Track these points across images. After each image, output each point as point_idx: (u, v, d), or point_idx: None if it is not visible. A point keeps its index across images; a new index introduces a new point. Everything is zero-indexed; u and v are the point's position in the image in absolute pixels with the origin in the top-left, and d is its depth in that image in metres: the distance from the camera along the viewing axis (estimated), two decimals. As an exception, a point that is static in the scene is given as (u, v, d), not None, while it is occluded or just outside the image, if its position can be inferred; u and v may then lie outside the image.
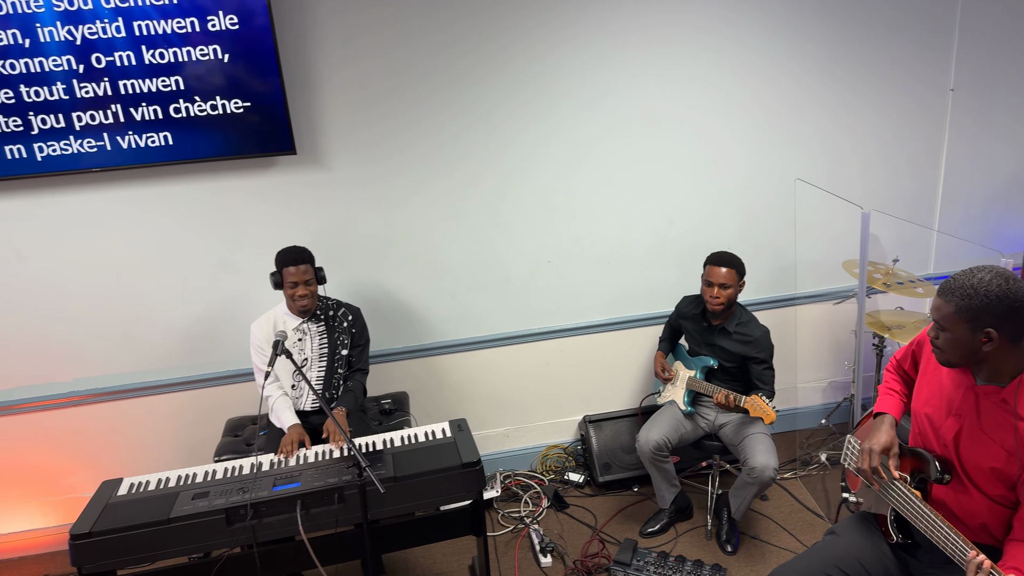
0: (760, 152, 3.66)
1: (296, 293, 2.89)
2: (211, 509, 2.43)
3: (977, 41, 3.68)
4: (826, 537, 2.22)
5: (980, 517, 1.91)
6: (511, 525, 3.49)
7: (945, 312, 1.81)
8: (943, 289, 1.83)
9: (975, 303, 1.75)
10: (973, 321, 1.77)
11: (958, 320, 1.79)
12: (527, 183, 3.49)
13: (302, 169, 3.26)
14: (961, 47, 3.67)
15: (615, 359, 3.88)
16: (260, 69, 3.02)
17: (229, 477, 2.62)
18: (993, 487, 1.87)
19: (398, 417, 3.35)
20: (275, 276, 2.92)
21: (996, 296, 1.73)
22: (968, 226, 3.98)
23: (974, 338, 1.78)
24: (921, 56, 3.66)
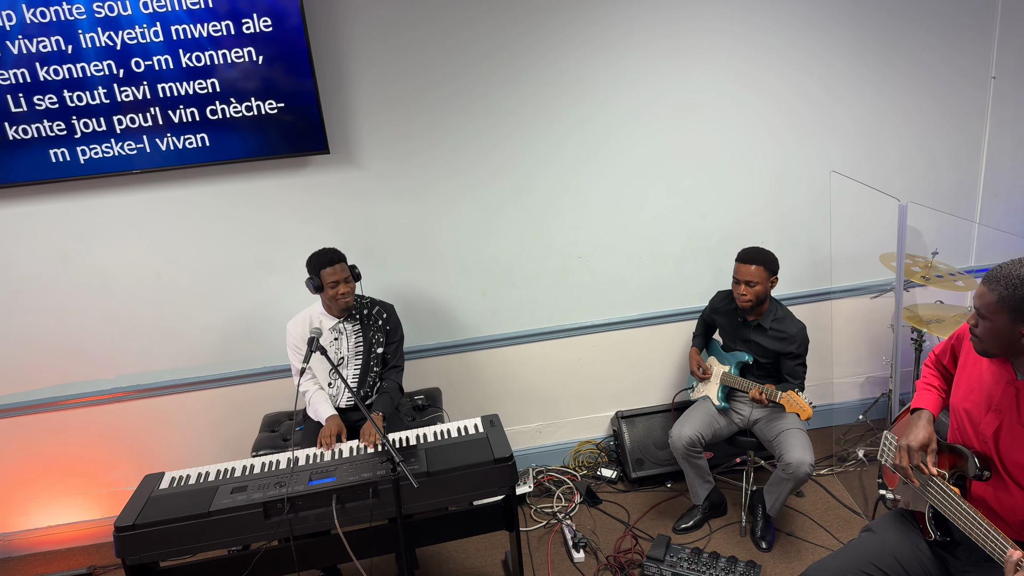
0: (794, 145, 3.61)
1: (338, 292, 2.93)
2: (249, 503, 2.49)
3: (1021, 26, 3.58)
4: (862, 534, 2.20)
5: (1021, 514, 1.87)
6: (544, 520, 3.51)
7: (987, 300, 1.78)
8: (988, 277, 1.79)
9: (1019, 294, 1.72)
10: (1015, 312, 1.73)
11: (1000, 309, 1.75)
12: (557, 179, 3.49)
13: (335, 168, 3.31)
14: (1003, 33, 3.58)
15: (648, 354, 3.86)
16: (293, 70, 3.07)
17: (266, 472, 2.68)
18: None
19: (431, 413, 3.38)
20: (313, 280, 2.96)
21: None
22: (1010, 217, 3.88)
23: (1014, 329, 1.75)
24: (960, 44, 3.57)
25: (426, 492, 2.58)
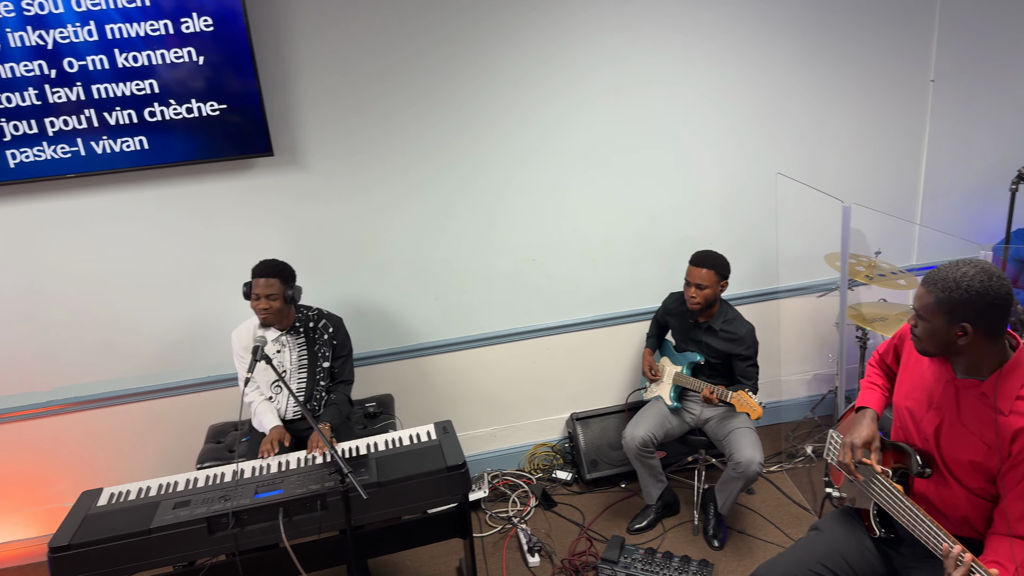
0: (741, 147, 3.66)
1: (257, 305, 2.85)
2: (193, 518, 2.41)
3: (958, 30, 3.68)
4: (810, 533, 2.23)
5: (961, 510, 1.92)
6: (499, 525, 3.48)
7: (926, 302, 1.81)
8: (927, 279, 1.83)
9: (955, 296, 1.75)
10: (951, 314, 1.77)
11: (937, 311, 1.79)
12: (509, 180, 3.47)
13: (280, 170, 3.23)
14: (941, 37, 3.68)
15: (602, 356, 3.87)
16: (236, 70, 2.99)
17: (211, 485, 2.60)
18: (973, 480, 1.87)
19: (383, 420, 3.33)
20: (246, 286, 2.89)
21: (976, 292, 1.73)
22: (949, 217, 4.00)
23: (950, 330, 1.78)
24: (901, 48, 3.66)
25: (377, 502, 2.53)
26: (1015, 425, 1.76)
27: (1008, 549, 1.75)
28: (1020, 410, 1.77)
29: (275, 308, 2.86)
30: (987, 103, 3.84)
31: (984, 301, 1.73)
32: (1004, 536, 1.79)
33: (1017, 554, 1.74)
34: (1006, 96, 3.85)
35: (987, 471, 1.84)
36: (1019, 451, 1.76)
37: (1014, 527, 1.78)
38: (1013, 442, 1.76)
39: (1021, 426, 1.75)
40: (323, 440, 2.46)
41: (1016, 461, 1.77)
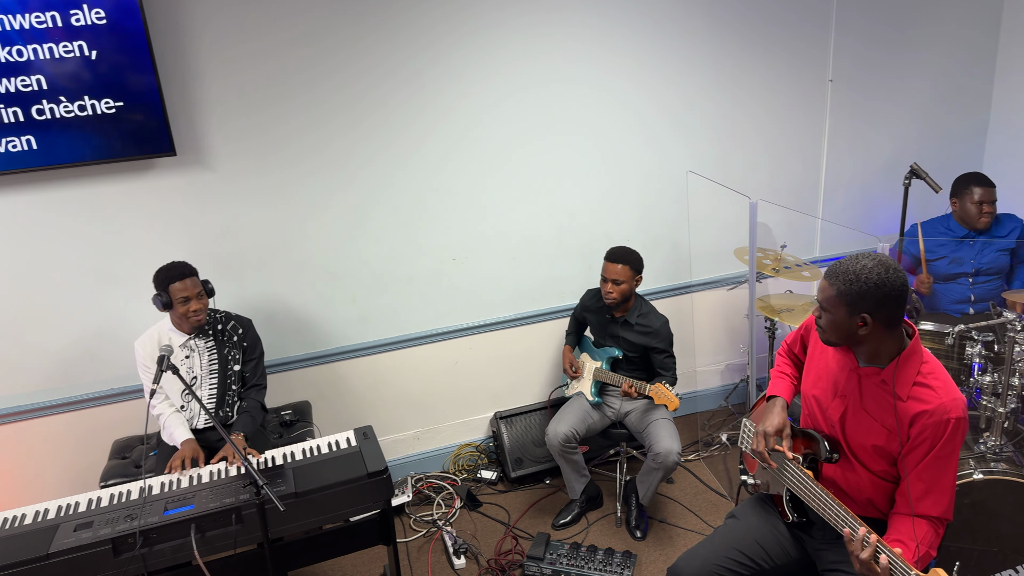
0: (653, 145, 3.74)
1: (189, 309, 2.73)
2: (95, 540, 2.27)
3: (853, 33, 3.87)
4: (727, 521, 2.29)
5: (866, 492, 2.01)
6: (424, 529, 3.45)
7: (828, 295, 1.89)
8: (829, 272, 1.91)
9: (855, 288, 1.83)
10: (851, 305, 1.85)
11: (839, 303, 1.87)
12: (428, 181, 3.43)
13: (183, 171, 3.08)
14: (838, 38, 3.86)
15: (524, 354, 3.88)
16: (132, 65, 2.83)
17: (116, 504, 2.45)
18: (876, 464, 1.97)
19: (300, 428, 3.23)
20: (160, 297, 2.73)
21: (875, 284, 1.81)
22: (848, 211, 4.20)
23: (851, 321, 1.87)
24: (801, 49, 3.82)
25: (295, 513, 2.45)
26: (913, 410, 1.86)
27: (910, 528, 1.85)
28: (917, 395, 1.87)
29: (205, 304, 2.78)
30: (881, 102, 4.06)
31: (882, 292, 1.82)
32: (906, 516, 1.89)
33: (918, 532, 1.84)
34: (899, 95, 4.07)
35: (889, 454, 1.94)
36: (917, 434, 1.85)
37: (915, 507, 1.88)
38: (911, 426, 1.86)
39: (918, 411, 1.85)
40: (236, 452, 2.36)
41: (915, 444, 1.86)
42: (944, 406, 1.82)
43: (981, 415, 2.84)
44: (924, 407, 1.84)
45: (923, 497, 1.87)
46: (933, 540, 1.86)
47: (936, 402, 1.83)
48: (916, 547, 1.81)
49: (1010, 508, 2.59)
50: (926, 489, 1.87)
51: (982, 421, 2.84)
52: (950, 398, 1.83)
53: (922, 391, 1.86)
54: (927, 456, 1.85)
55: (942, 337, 3.00)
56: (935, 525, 1.88)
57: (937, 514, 1.87)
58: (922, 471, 1.86)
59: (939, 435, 1.83)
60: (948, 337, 2.98)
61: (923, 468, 1.86)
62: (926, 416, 1.83)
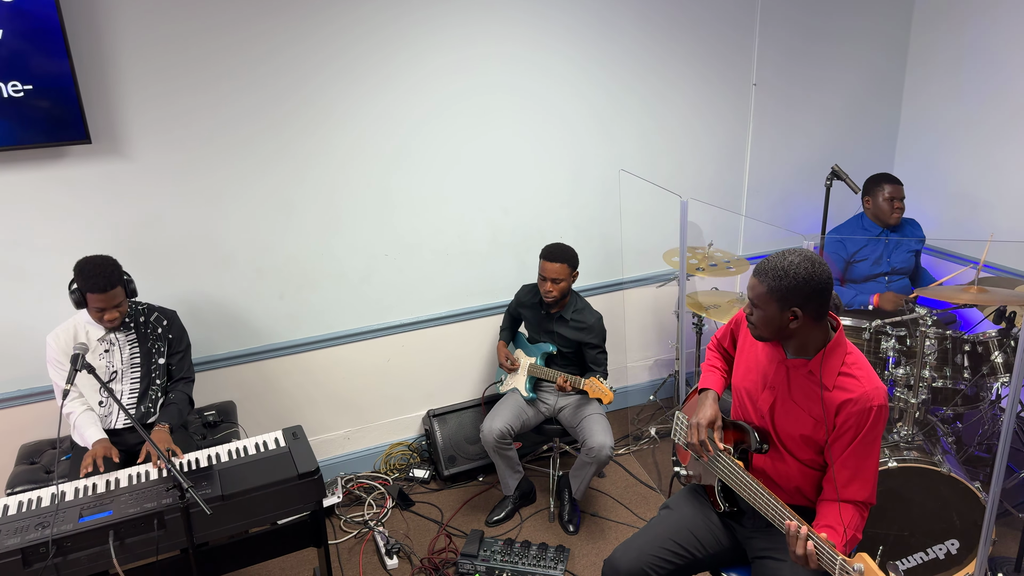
0: (587, 144, 3.77)
1: (104, 317, 2.58)
2: (3, 551, 2.12)
3: (775, 40, 4.01)
4: (661, 512, 2.33)
5: (794, 481, 2.08)
6: (355, 530, 3.38)
7: (759, 292, 1.94)
8: (758, 270, 1.96)
9: (784, 284, 1.89)
10: (782, 300, 1.91)
11: (770, 299, 1.92)
12: (359, 174, 3.36)
13: (99, 160, 2.92)
14: (761, 44, 3.99)
15: (457, 351, 3.85)
16: (43, 47, 2.66)
17: (25, 512, 2.30)
18: (804, 452, 2.04)
19: (225, 429, 3.11)
20: (76, 295, 2.58)
21: (803, 278, 1.88)
22: (770, 212, 4.35)
23: (783, 316, 1.93)
24: (727, 53, 3.93)
25: (222, 517, 2.36)
26: (838, 399, 1.93)
27: (837, 513, 1.93)
28: (842, 385, 1.94)
29: (123, 311, 2.63)
30: (800, 108, 4.22)
31: (810, 286, 1.88)
32: (833, 501, 1.96)
33: (844, 516, 1.92)
34: (819, 99, 4.24)
35: (816, 443, 2.01)
36: (842, 423, 1.93)
37: (841, 492, 1.95)
38: (837, 414, 1.94)
39: (843, 399, 1.92)
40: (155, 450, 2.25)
41: (840, 432, 1.94)
42: (867, 394, 1.90)
43: (895, 406, 2.99)
44: (848, 396, 1.92)
45: (849, 483, 1.95)
46: (859, 523, 1.94)
47: (860, 391, 1.91)
48: (844, 531, 1.88)
49: (921, 494, 2.74)
50: (851, 475, 1.95)
51: (896, 412, 2.99)
52: (872, 387, 1.91)
53: (846, 380, 1.94)
54: (852, 444, 1.93)
55: (860, 332, 3.14)
56: (860, 509, 1.96)
57: (862, 499, 1.96)
58: (847, 458, 1.94)
59: (863, 423, 1.91)
60: (865, 332, 3.12)
61: (848, 455, 1.94)
62: (851, 404, 1.91)
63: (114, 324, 2.63)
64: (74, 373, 2.24)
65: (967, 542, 2.75)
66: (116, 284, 2.57)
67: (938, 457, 2.74)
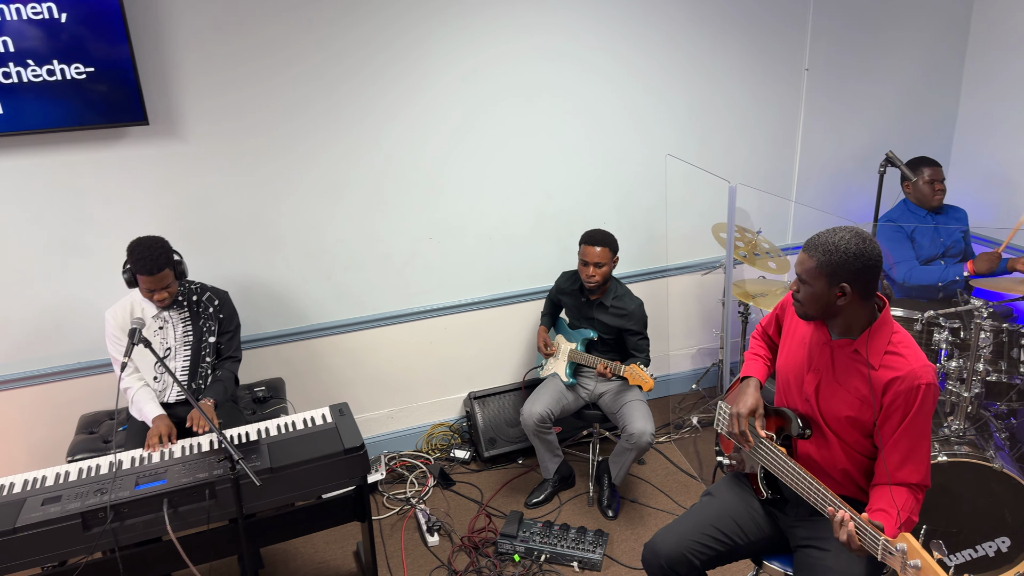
0: (632, 128, 3.74)
1: (153, 297, 2.66)
2: (64, 514, 2.23)
3: (829, 24, 3.91)
4: (702, 499, 2.32)
5: (840, 464, 2.05)
6: (397, 507, 3.44)
7: (808, 266, 1.92)
8: (808, 245, 1.94)
9: (835, 259, 1.87)
10: (831, 276, 1.89)
11: (819, 274, 1.90)
12: (407, 158, 3.40)
13: (156, 141, 3.01)
14: (815, 29, 3.89)
15: (498, 335, 3.88)
16: (104, 30, 2.75)
17: (85, 478, 2.41)
18: (850, 435, 2.01)
19: (274, 404, 3.19)
20: (128, 274, 2.67)
21: (853, 254, 1.85)
22: (820, 199, 4.26)
23: (831, 292, 1.90)
24: (779, 37, 3.85)
25: (270, 489, 2.43)
26: (885, 377, 1.90)
27: (890, 497, 1.89)
28: (889, 364, 1.91)
29: (173, 292, 2.70)
30: (854, 92, 4.11)
31: (860, 262, 1.86)
32: (885, 486, 1.93)
33: (897, 499, 1.88)
34: (873, 85, 4.13)
35: (862, 425, 1.98)
36: (890, 402, 1.90)
37: (893, 476, 1.92)
38: (884, 394, 1.91)
39: (890, 378, 1.89)
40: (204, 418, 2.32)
41: (889, 412, 1.91)
42: (915, 372, 1.87)
43: (946, 400, 2.92)
44: (896, 374, 1.88)
45: (901, 466, 1.91)
46: (914, 506, 1.90)
47: (907, 368, 1.88)
48: (898, 514, 1.85)
49: (972, 490, 2.67)
50: (903, 457, 1.91)
51: (947, 406, 2.92)
52: (920, 364, 1.88)
53: (893, 359, 1.91)
54: (901, 424, 1.89)
55: (911, 323, 3.07)
56: (914, 492, 1.92)
57: (916, 481, 1.92)
58: (897, 440, 1.91)
59: (911, 401, 1.87)
60: (917, 323, 3.05)
61: (898, 437, 1.90)
62: (898, 383, 1.88)
63: (164, 303, 2.71)
64: (131, 346, 2.32)
65: (1019, 540, 2.68)
66: (164, 267, 2.62)
67: (990, 453, 2.67)
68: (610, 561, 3.08)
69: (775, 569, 2.22)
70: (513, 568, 3.04)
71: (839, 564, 1.99)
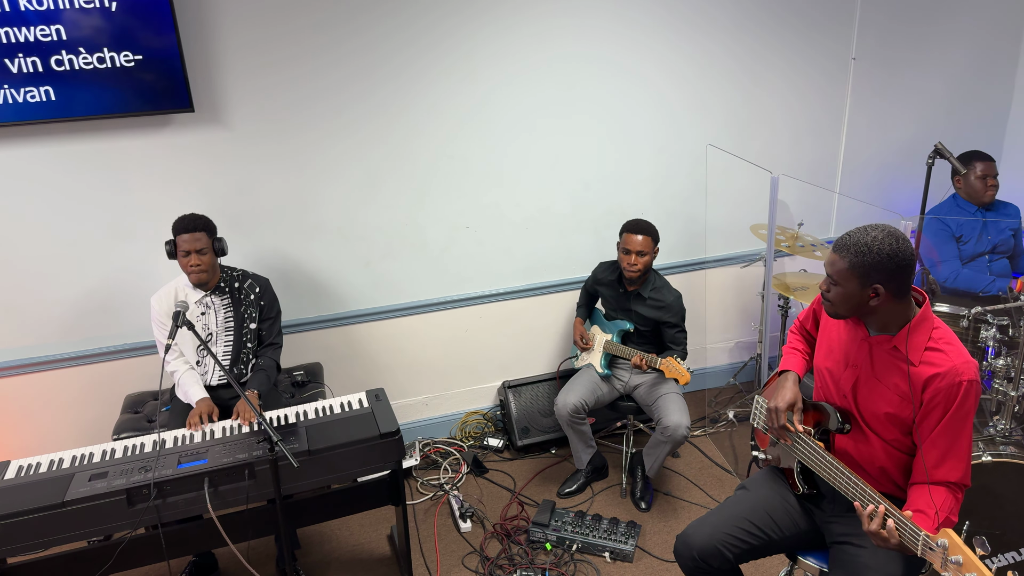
0: (672, 118, 3.70)
1: (189, 262, 2.72)
2: (110, 490, 2.30)
3: (879, 11, 3.81)
4: (737, 492, 2.30)
5: (879, 462, 2.01)
6: (430, 492, 3.48)
7: (839, 267, 1.88)
8: (838, 245, 1.89)
9: (867, 260, 1.82)
10: (864, 277, 1.84)
11: (851, 275, 1.85)
12: (444, 147, 3.41)
13: (201, 128, 3.07)
14: (863, 17, 3.80)
15: (533, 324, 3.88)
16: (152, 19, 2.81)
17: (129, 456, 2.48)
18: (889, 432, 1.97)
19: (312, 389, 3.25)
20: (169, 244, 2.75)
21: (887, 254, 1.81)
22: (865, 191, 4.17)
23: (863, 293, 1.86)
24: (825, 25, 3.77)
25: (308, 471, 2.47)
26: (925, 374, 1.86)
27: (928, 496, 1.85)
28: (929, 360, 1.86)
29: (207, 263, 2.74)
30: (903, 82, 4.00)
31: (894, 263, 1.81)
32: (923, 484, 1.89)
33: (936, 498, 1.84)
34: (922, 77, 4.02)
35: (902, 422, 1.93)
36: (930, 399, 1.85)
37: (932, 474, 1.88)
38: (924, 390, 1.86)
39: (930, 374, 1.84)
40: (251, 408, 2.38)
41: (928, 409, 1.86)
42: (956, 368, 1.82)
43: (992, 399, 2.84)
44: (936, 370, 1.84)
45: (939, 464, 1.87)
46: (953, 506, 1.85)
47: (948, 365, 1.83)
48: (936, 514, 1.81)
49: (1017, 491, 2.60)
50: (942, 455, 1.87)
51: (993, 405, 2.84)
52: (962, 360, 1.83)
53: (934, 355, 1.86)
54: (941, 421, 1.85)
55: (957, 320, 2.99)
56: (953, 491, 1.87)
57: (955, 479, 1.87)
58: (937, 437, 1.86)
59: (952, 398, 1.83)
60: (963, 320, 2.97)
61: (938, 434, 1.86)
62: (938, 379, 1.83)
63: (199, 273, 2.74)
64: (175, 328, 2.38)
65: (1066, 544, 2.60)
66: (202, 228, 2.71)
67: (1037, 453, 2.60)
68: (642, 553, 3.07)
69: (810, 565, 2.19)
70: (544, 556, 3.06)
71: (876, 561, 1.96)
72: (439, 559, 3.07)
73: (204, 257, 2.73)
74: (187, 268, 2.73)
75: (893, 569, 1.93)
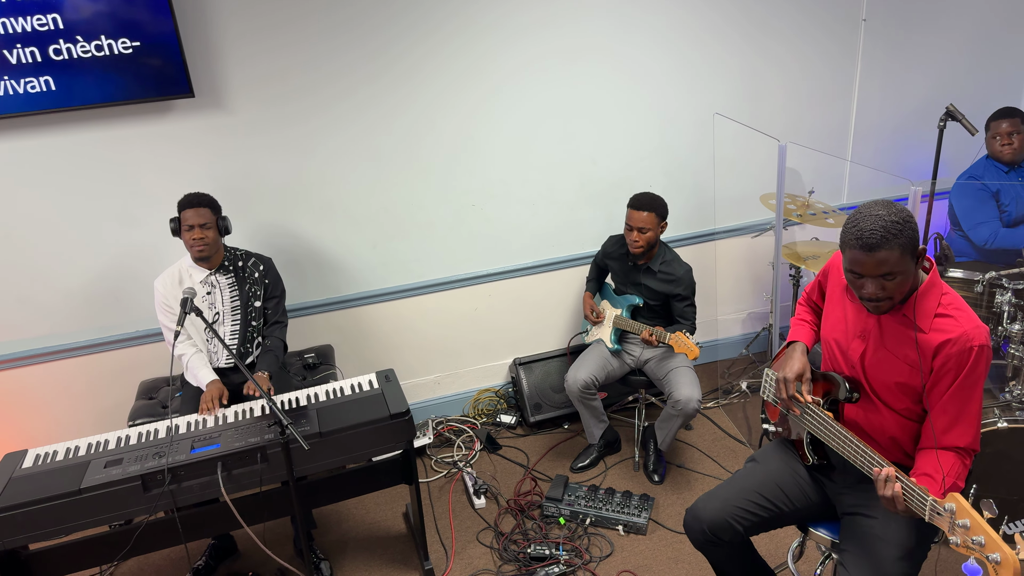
0: (679, 89, 3.64)
1: (192, 236, 2.72)
2: (125, 476, 2.33)
3: (887, -29, 3.72)
4: (747, 465, 2.29)
5: (889, 431, 1.99)
6: (444, 470, 3.50)
7: (894, 259, 1.78)
8: (878, 243, 1.77)
9: (907, 234, 1.77)
10: (913, 251, 1.80)
11: (905, 259, 1.79)
12: (449, 124, 3.38)
13: (202, 113, 3.06)
14: (872, -23, 3.71)
15: (543, 301, 3.87)
16: (148, 4, 2.78)
17: (144, 442, 2.51)
18: (899, 401, 1.95)
19: (323, 371, 3.27)
20: (174, 221, 2.76)
21: (907, 220, 1.78)
22: (878, 157, 4.09)
23: (917, 267, 1.84)
24: (834, -13, 3.68)
25: (319, 453, 2.49)
26: (935, 341, 1.83)
27: (936, 461, 1.84)
28: (939, 327, 1.83)
29: (210, 238, 2.76)
30: (916, 43, 3.91)
31: (913, 229, 1.78)
32: (931, 449, 1.87)
33: (944, 463, 1.82)
34: (934, 36, 3.92)
35: (912, 391, 1.91)
36: (941, 365, 1.83)
37: (941, 439, 1.86)
38: (935, 357, 1.83)
39: (941, 340, 1.82)
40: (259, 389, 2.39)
41: (939, 375, 1.84)
42: (967, 334, 1.79)
43: (1008, 364, 2.80)
44: (947, 336, 1.81)
45: (949, 429, 1.85)
46: (960, 471, 1.84)
47: (958, 331, 1.80)
48: (943, 479, 1.80)
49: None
50: (951, 420, 1.85)
51: (1009, 370, 2.81)
52: (972, 326, 1.81)
53: (944, 321, 1.83)
54: (952, 386, 1.83)
55: (971, 285, 2.94)
56: (962, 456, 1.86)
57: (964, 444, 1.85)
58: (947, 403, 1.84)
59: (963, 363, 1.80)
60: (978, 285, 2.93)
61: (948, 399, 1.84)
62: (949, 345, 1.80)
63: (201, 251, 2.75)
64: (183, 316, 2.39)
65: (1083, 509, 2.58)
66: (207, 204, 2.74)
67: (1054, 419, 2.56)
68: (655, 525, 3.08)
69: (821, 536, 2.18)
70: (559, 530, 3.08)
71: (887, 531, 1.95)
72: (454, 535, 3.10)
73: (207, 232, 2.74)
74: (189, 242, 2.74)
75: (905, 539, 1.93)
